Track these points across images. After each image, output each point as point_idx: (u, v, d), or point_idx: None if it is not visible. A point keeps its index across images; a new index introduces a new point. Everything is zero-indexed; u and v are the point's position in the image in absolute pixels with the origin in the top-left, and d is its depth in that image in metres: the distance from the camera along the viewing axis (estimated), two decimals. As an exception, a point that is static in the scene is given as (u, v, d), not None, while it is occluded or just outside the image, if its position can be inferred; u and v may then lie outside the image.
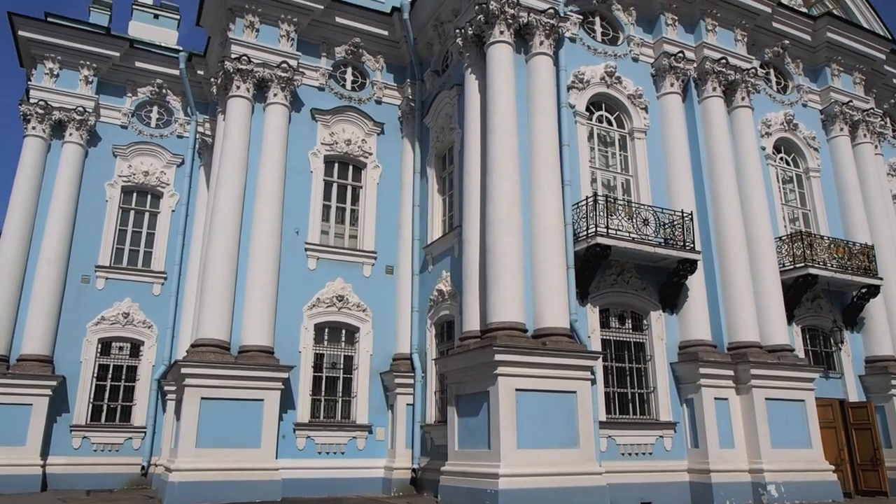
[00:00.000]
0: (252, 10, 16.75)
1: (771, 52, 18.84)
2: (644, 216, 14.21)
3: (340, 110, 17.81)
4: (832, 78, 19.51)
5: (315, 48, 17.92)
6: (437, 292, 15.79)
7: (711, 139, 16.07)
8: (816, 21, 19.20)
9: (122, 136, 19.82)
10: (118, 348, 18.62)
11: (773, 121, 18.18)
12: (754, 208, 15.92)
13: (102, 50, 19.30)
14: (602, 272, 14.23)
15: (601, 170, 15.47)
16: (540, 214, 13.36)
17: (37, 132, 18.45)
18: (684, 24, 17.05)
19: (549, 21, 14.59)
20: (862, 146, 19.46)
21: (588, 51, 15.92)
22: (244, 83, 16.32)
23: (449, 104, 16.54)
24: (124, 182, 19.56)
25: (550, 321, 12.80)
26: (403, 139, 18.33)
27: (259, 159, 16.02)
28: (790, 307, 16.16)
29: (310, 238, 16.55)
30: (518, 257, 12.92)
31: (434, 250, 16.43)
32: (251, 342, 14.71)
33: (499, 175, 13.30)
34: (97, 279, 18.61)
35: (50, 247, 17.72)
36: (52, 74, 19.00)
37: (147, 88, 20.23)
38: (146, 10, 22.71)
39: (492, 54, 14.27)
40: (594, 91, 15.60)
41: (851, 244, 17.15)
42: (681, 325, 14.80)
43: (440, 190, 17.06)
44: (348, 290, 16.59)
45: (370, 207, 17.62)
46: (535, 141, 13.84)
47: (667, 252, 14.21)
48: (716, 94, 16.51)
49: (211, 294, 14.78)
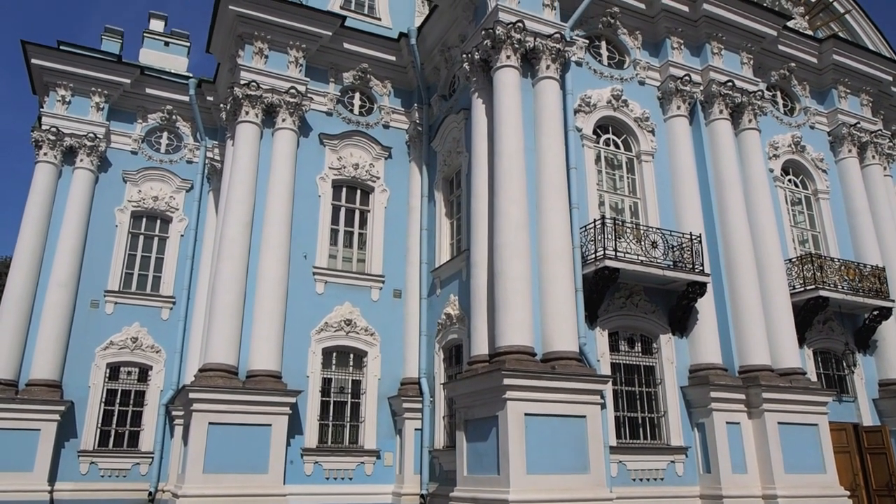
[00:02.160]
0: (261, 37, 16.97)
1: (777, 75, 18.90)
2: (652, 239, 14.15)
3: (348, 135, 17.94)
4: (839, 100, 19.52)
5: (323, 74, 18.11)
6: (446, 316, 15.74)
7: (719, 162, 16.05)
8: (822, 44, 19.27)
9: (133, 162, 20.04)
10: (126, 373, 18.63)
11: (781, 143, 18.16)
12: (763, 230, 15.83)
13: (114, 77, 19.59)
14: (611, 295, 14.15)
15: (609, 192, 15.46)
16: (548, 238, 13.33)
17: (48, 158, 18.67)
18: (690, 48, 17.14)
19: (556, 45, 14.70)
20: (871, 168, 19.41)
21: (594, 74, 16.00)
22: (253, 109, 16.48)
23: (456, 128, 16.63)
24: (134, 207, 19.72)
25: (559, 345, 12.70)
26: (411, 163, 18.43)
27: (267, 184, 16.11)
28: (801, 330, 16.00)
29: (318, 262, 16.58)
30: (526, 281, 12.87)
31: (442, 274, 16.42)
32: (259, 367, 14.67)
33: (506, 198, 13.30)
34: (106, 304, 18.68)
35: (60, 272, 17.84)
36: (63, 101, 19.26)
37: (157, 115, 20.49)
38: (157, 37, 23.06)
39: (498, 79, 14.36)
40: (601, 114, 15.65)
41: (862, 266, 17.02)
42: (691, 348, 14.67)
43: (448, 213, 17.09)
44: (356, 315, 16.57)
45: (378, 231, 17.66)
46: (542, 164, 13.86)
47: (675, 275, 14.13)
48: (723, 117, 16.52)
49: (219, 318, 14.80)
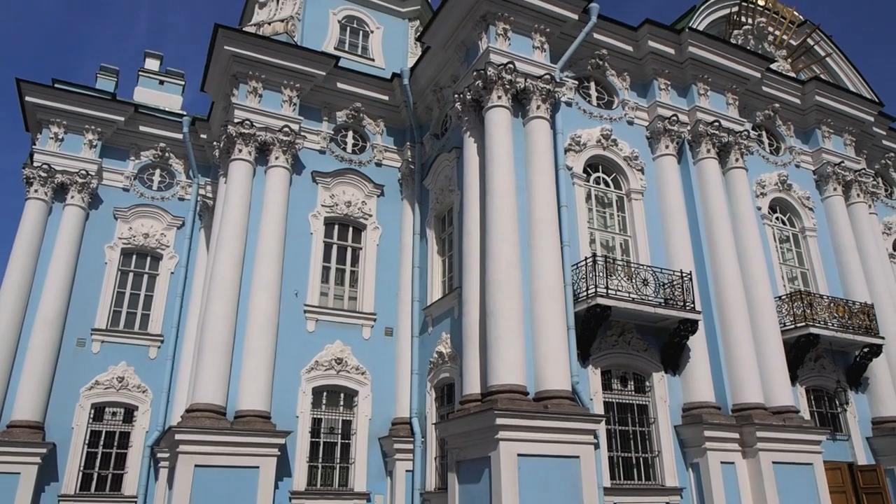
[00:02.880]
0: (256, 76, 17.16)
1: (762, 115, 19.27)
2: (643, 276, 14.21)
3: (341, 173, 18.04)
4: (823, 139, 19.89)
5: (317, 112, 18.28)
6: (437, 354, 15.64)
7: (708, 200, 16.24)
8: (805, 85, 19.71)
9: (124, 199, 19.99)
10: (111, 414, 18.27)
11: (768, 181, 18.43)
12: (753, 268, 15.95)
13: (107, 115, 19.67)
14: (603, 333, 14.14)
15: (599, 230, 15.57)
16: (539, 275, 13.35)
17: (39, 195, 18.61)
18: (677, 89, 17.48)
19: (546, 86, 14.94)
20: (856, 206, 19.70)
21: (584, 114, 16.25)
22: (246, 146, 16.57)
23: (448, 166, 16.77)
24: (124, 244, 19.61)
25: (552, 384, 12.61)
26: (403, 201, 18.51)
27: (259, 221, 16.11)
28: (793, 368, 16.01)
29: (309, 300, 16.49)
30: (518, 319, 12.84)
31: (434, 312, 16.36)
32: (248, 407, 14.44)
33: (498, 236, 13.35)
34: (93, 342, 18.41)
35: (47, 310, 17.61)
36: (56, 138, 19.29)
37: (150, 152, 20.52)
38: (152, 76, 23.24)
39: (490, 118, 14.54)
40: (591, 153, 15.84)
41: (851, 303, 17.13)
42: (684, 386, 14.61)
43: (440, 251, 17.11)
44: (347, 353, 16.43)
45: (370, 269, 17.63)
46: (533, 202, 13.96)
47: (667, 312, 14.15)
48: (710, 156, 16.77)
49: (208, 357, 14.61)
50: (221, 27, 16.60)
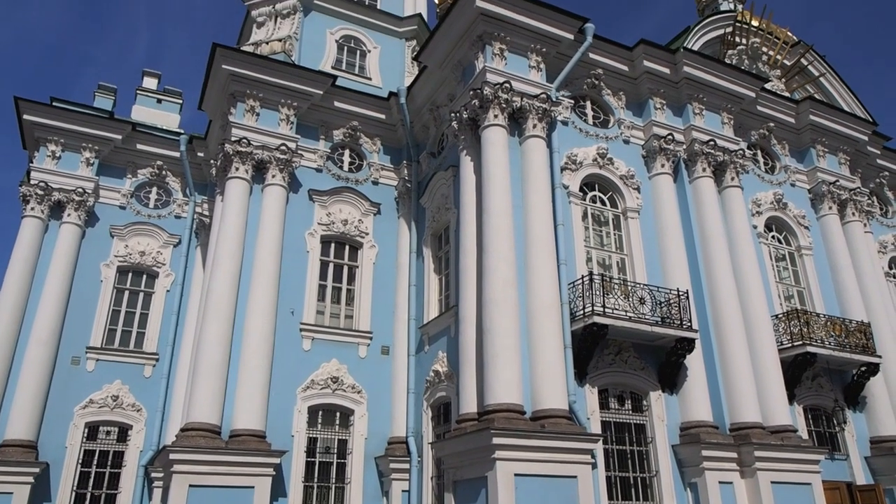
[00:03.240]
0: (253, 95, 17.24)
1: (757, 134, 19.38)
2: (640, 295, 14.20)
3: (338, 191, 18.07)
4: (818, 158, 19.99)
5: (314, 131, 18.35)
6: (434, 373, 15.57)
7: (703, 218, 16.29)
8: (799, 105, 19.85)
9: (121, 217, 19.97)
10: (105, 433, 18.11)
11: (763, 200, 18.49)
12: (749, 286, 15.96)
13: (105, 133, 19.72)
14: (600, 352, 14.09)
15: (596, 249, 15.58)
16: (536, 294, 13.33)
17: (35, 213, 18.60)
18: (672, 108, 17.59)
19: (542, 105, 15.03)
20: (851, 224, 19.76)
21: (580, 133, 16.33)
22: (243, 165, 16.61)
23: (445, 185, 16.81)
24: (120, 262, 19.57)
25: (549, 402, 12.54)
26: (400, 219, 18.53)
27: (256, 239, 16.10)
28: (791, 386, 15.96)
29: (305, 318, 16.44)
30: (515, 337, 12.81)
31: (430, 330, 16.31)
32: (243, 426, 14.34)
33: (494, 255, 13.35)
34: (87, 361, 18.31)
35: (42, 328, 17.54)
36: (54, 156, 19.31)
37: (147, 170, 20.55)
38: (150, 95, 23.35)
39: (486, 137, 14.61)
40: (587, 172, 15.91)
41: (848, 322, 17.11)
42: (681, 405, 14.54)
43: (436, 269, 17.10)
44: (343, 372, 16.35)
45: (366, 287, 17.60)
46: (529, 221, 13.98)
47: (664, 331, 14.13)
48: (706, 175, 16.85)
49: (203, 376, 14.53)
50: (220, 46, 16.71)
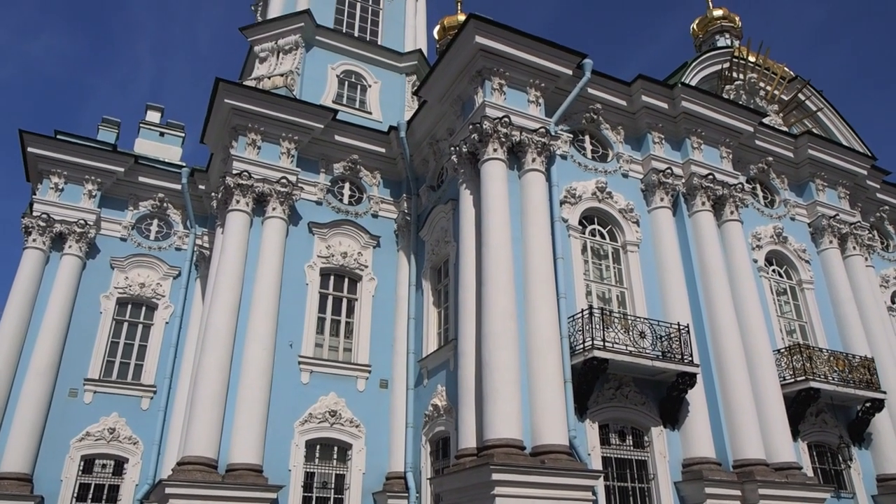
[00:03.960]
0: (255, 128, 17.41)
1: (756, 168, 19.46)
2: (640, 329, 14.12)
3: (337, 224, 18.12)
4: (817, 192, 20.04)
5: (314, 164, 18.49)
6: (433, 407, 15.42)
7: (703, 252, 16.28)
8: (797, 139, 19.98)
9: (121, 249, 20.03)
10: (101, 466, 17.91)
11: (763, 234, 18.49)
12: (750, 320, 15.88)
13: (108, 165, 19.90)
14: (600, 386, 13.96)
15: (596, 282, 15.54)
16: (536, 327, 13.27)
17: (37, 244, 18.67)
18: (671, 142, 17.71)
19: (541, 139, 15.14)
20: (852, 258, 19.72)
21: (579, 167, 16.42)
22: (244, 197, 16.69)
23: (444, 218, 16.86)
24: (120, 294, 19.57)
25: (549, 438, 12.39)
26: (399, 252, 18.55)
27: (255, 272, 16.11)
28: (794, 422, 15.76)
29: (303, 351, 16.35)
30: (514, 371, 12.71)
31: (429, 364, 16.20)
32: (240, 460, 14.16)
33: (494, 288, 13.33)
34: (85, 392, 18.20)
35: (40, 359, 17.50)
36: (56, 188, 19.47)
37: (149, 202, 20.67)
38: (153, 128, 23.63)
39: (486, 171, 14.69)
40: (586, 205, 15.95)
41: (851, 357, 16.97)
42: (683, 441, 14.34)
43: (435, 303, 17.05)
44: (341, 405, 16.20)
45: (365, 320, 17.54)
46: (529, 254, 13.98)
47: (665, 365, 14.01)
48: (705, 209, 16.89)
49: (200, 409, 14.40)
50: (222, 81, 16.93)
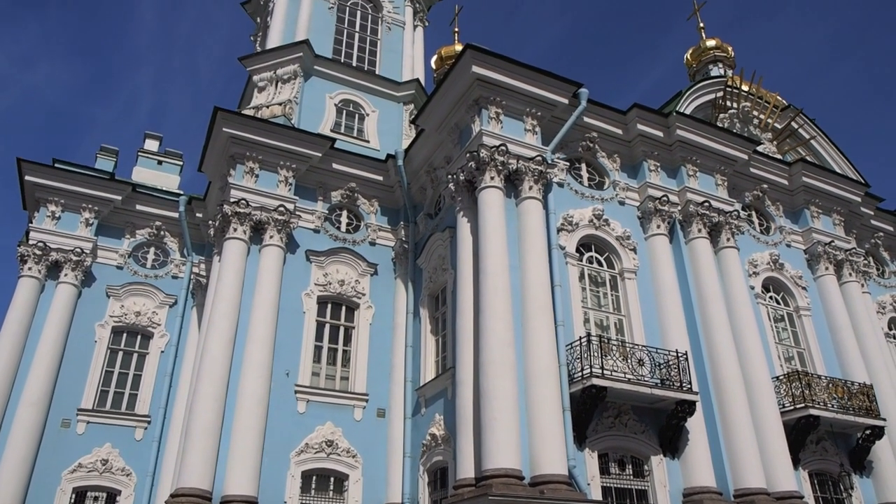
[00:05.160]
0: (253, 157, 17.49)
1: (751, 196, 19.58)
2: (639, 356, 14.07)
3: (335, 252, 18.11)
4: (812, 219, 20.15)
5: (312, 192, 18.53)
6: (430, 437, 15.25)
7: (700, 279, 16.30)
8: (791, 167, 20.14)
9: (117, 277, 19.95)
10: (93, 498, 17.61)
11: (760, 261, 18.54)
12: (749, 347, 15.84)
13: (105, 194, 19.92)
14: (599, 415, 13.86)
15: (593, 310, 15.52)
16: (534, 355, 13.21)
17: (32, 273, 18.59)
18: (666, 170, 17.83)
19: (538, 167, 15.24)
20: (849, 285, 19.75)
21: (576, 195, 16.50)
22: (241, 225, 16.70)
23: (442, 246, 16.87)
24: (115, 322, 19.44)
25: (548, 467, 12.25)
26: (397, 280, 18.52)
27: (252, 300, 16.05)
28: (794, 450, 15.64)
29: (300, 380, 16.21)
30: (513, 400, 12.62)
31: (427, 392, 16.08)
32: (234, 492, 13.95)
33: (492, 316, 13.29)
34: (78, 423, 17.97)
35: (33, 390, 17.31)
36: (53, 217, 19.44)
37: (146, 230, 20.65)
38: (151, 156, 23.69)
39: (483, 198, 14.75)
40: (583, 233, 16.00)
41: (850, 384, 16.91)
42: (683, 470, 14.20)
43: (433, 330, 16.98)
44: (338, 435, 16.02)
45: (362, 348, 17.43)
46: (527, 282, 13.98)
47: (664, 393, 13.92)
48: (701, 236, 16.95)
49: (195, 439, 14.24)
50: (221, 110, 17.05)
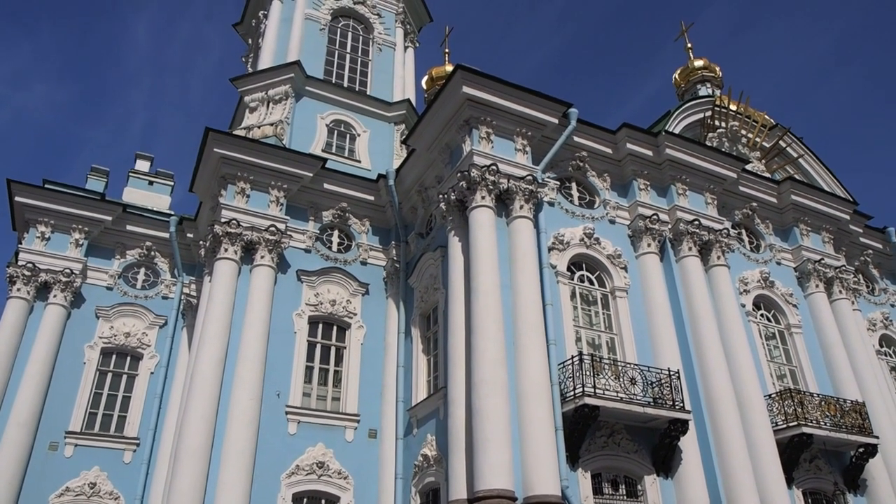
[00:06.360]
0: (244, 177, 17.49)
1: (741, 214, 19.69)
2: (631, 375, 14.03)
3: (326, 271, 18.07)
4: (801, 237, 20.26)
5: (303, 212, 18.53)
6: (422, 457, 15.13)
7: (691, 297, 16.32)
8: (780, 185, 20.28)
9: (107, 298, 19.81)
10: (80, 523, 17.34)
11: (750, 278, 18.59)
12: (741, 365, 15.83)
13: (96, 214, 19.84)
14: (592, 434, 13.79)
15: (585, 328, 15.50)
16: (526, 374, 13.16)
17: (21, 294, 18.44)
18: (656, 189, 17.93)
19: (528, 187, 15.29)
20: (839, 302, 19.81)
21: (566, 214, 16.55)
22: (232, 246, 16.66)
23: (433, 265, 16.86)
24: (104, 343, 19.26)
25: (541, 488, 12.15)
26: (388, 299, 18.47)
27: (243, 320, 15.97)
28: (788, 469, 15.57)
29: (291, 401, 16.09)
30: (505, 419, 12.55)
31: (419, 412, 15.97)
32: (223, 515, 13.78)
33: (483, 335, 13.25)
34: (66, 446, 17.74)
35: (20, 412, 17.10)
36: (43, 238, 19.34)
37: (136, 251, 20.55)
38: (142, 177, 23.63)
39: (474, 218, 14.78)
40: (574, 252, 16.03)
41: (842, 401, 16.89)
42: (677, 490, 14.10)
43: (425, 350, 16.91)
44: (329, 456, 15.87)
45: (354, 368, 17.33)
46: (518, 301, 13.96)
47: (656, 412, 13.87)
48: (692, 254, 17.00)
49: (185, 461, 14.09)
50: (212, 130, 17.07)
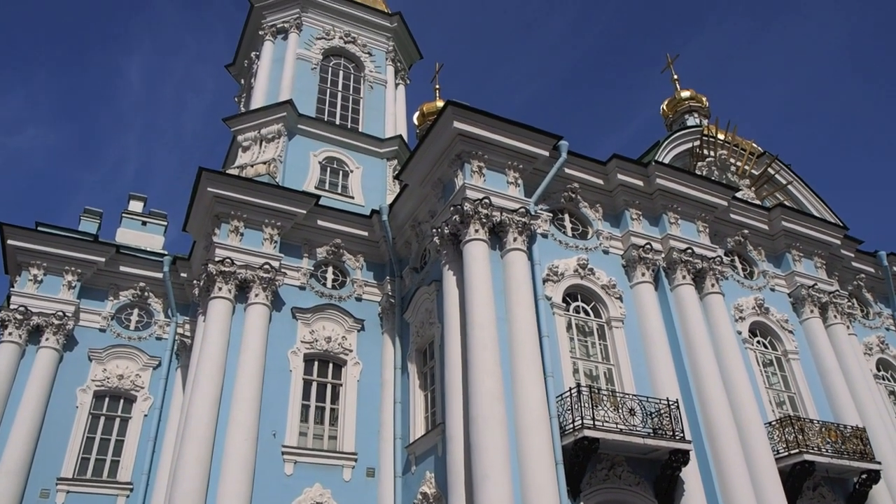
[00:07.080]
0: (238, 215, 17.51)
1: (733, 241, 19.78)
2: (630, 406, 13.92)
3: (321, 308, 18.00)
4: (794, 263, 20.34)
5: (297, 249, 18.52)
6: (422, 495, 14.88)
7: (687, 325, 16.30)
8: (770, 212, 20.44)
9: (100, 340, 19.63)
10: (71, 574, 16.92)
11: (745, 305, 18.60)
12: (740, 393, 15.74)
13: (89, 256, 19.78)
14: (592, 467, 13.62)
15: (582, 360, 15.42)
16: (524, 408, 13.05)
17: (13, 338, 18.27)
18: (648, 218, 18.03)
19: (521, 219, 15.36)
20: (834, 327, 19.80)
21: (560, 245, 16.60)
22: (226, 284, 16.59)
23: (428, 300, 16.82)
24: (97, 386, 19.03)
25: (543, 525, 11.97)
26: (384, 335, 18.37)
27: (238, 360, 15.83)
28: (792, 498, 15.36)
29: (287, 441, 15.87)
30: (504, 454, 12.40)
31: (417, 449, 15.77)
32: (219, 561, 13.49)
33: (480, 369, 13.17)
34: (57, 493, 17.39)
35: (11, 459, 16.80)
36: (35, 280, 19.22)
37: (129, 292, 20.44)
38: (135, 217, 23.65)
39: (468, 251, 14.80)
40: (569, 283, 16.03)
41: (843, 427, 16.77)
42: (680, 523, 13.92)
43: (422, 385, 16.77)
44: (327, 497, 15.61)
45: (350, 406, 17.15)
46: (514, 333, 13.92)
47: (657, 443, 13.72)
48: (686, 282, 17.04)
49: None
50: (205, 170, 17.15)
